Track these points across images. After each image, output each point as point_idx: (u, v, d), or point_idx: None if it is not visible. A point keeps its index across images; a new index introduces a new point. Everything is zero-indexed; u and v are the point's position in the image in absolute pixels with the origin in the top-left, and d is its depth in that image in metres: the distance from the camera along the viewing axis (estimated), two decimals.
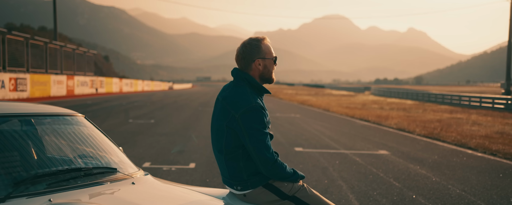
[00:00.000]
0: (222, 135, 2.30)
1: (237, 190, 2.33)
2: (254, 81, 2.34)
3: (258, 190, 2.31)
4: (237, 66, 2.44)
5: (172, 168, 6.47)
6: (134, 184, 2.27)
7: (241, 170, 2.29)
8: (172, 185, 2.50)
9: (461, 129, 13.16)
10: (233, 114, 2.25)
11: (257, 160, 2.24)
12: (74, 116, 2.61)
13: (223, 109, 2.30)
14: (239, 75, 2.37)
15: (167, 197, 2.23)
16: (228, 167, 2.32)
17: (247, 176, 2.29)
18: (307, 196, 2.35)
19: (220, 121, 2.30)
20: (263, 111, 2.28)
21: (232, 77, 2.41)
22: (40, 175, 2.01)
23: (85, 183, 2.11)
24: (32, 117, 2.37)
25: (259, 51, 2.36)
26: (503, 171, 7.11)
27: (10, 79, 21.92)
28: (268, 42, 2.42)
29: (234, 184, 2.32)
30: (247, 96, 2.28)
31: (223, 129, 2.29)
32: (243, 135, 2.23)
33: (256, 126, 2.23)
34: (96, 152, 2.44)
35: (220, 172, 2.41)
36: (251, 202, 2.33)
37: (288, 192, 2.32)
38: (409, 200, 5.10)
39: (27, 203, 1.83)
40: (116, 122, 13.32)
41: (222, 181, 2.43)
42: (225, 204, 2.26)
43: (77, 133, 2.51)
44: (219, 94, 2.40)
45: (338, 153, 8.41)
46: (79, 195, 1.98)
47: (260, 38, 2.40)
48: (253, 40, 2.39)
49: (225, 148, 2.30)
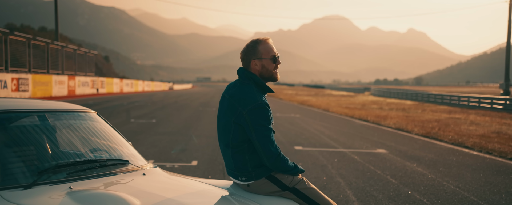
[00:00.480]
0: (229, 130, 2.47)
1: (242, 181, 2.50)
2: (258, 80, 2.52)
3: (261, 181, 2.49)
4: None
5: (175, 165, 6.65)
6: (145, 175, 2.46)
7: (246, 162, 2.47)
8: (180, 176, 2.68)
9: (459, 129, 13.34)
10: (241, 110, 2.42)
11: (262, 153, 2.42)
12: (87, 112, 2.81)
13: (231, 106, 2.47)
14: (245, 74, 2.55)
15: (177, 187, 2.41)
16: (234, 159, 2.49)
17: (252, 168, 2.47)
18: (306, 188, 2.54)
19: (228, 117, 2.48)
20: (268, 108, 2.47)
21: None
22: (61, 165, 2.20)
23: (101, 173, 2.29)
24: (49, 112, 2.56)
25: (254, 52, 2.54)
26: (498, 168, 7.29)
27: (12, 79, 22.10)
28: (269, 42, 2.57)
29: (239, 175, 2.50)
30: (253, 94, 2.46)
31: (231, 125, 2.46)
32: (249, 130, 2.41)
33: (262, 122, 2.41)
34: (109, 145, 2.62)
35: (225, 164, 2.59)
36: (254, 192, 2.51)
37: (288, 184, 2.50)
38: (404, 196, 5.28)
39: (50, 190, 2.02)
40: (118, 121, 13.50)
41: (227, 172, 2.61)
42: (229, 193, 2.44)
43: (91, 128, 2.70)
44: (224, 92, 2.57)
45: (337, 152, 8.59)
46: (96, 184, 2.16)
47: (259, 40, 2.57)
48: (251, 42, 2.58)
49: (232, 142, 2.47)
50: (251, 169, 2.47)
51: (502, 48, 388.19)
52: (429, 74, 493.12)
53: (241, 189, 2.55)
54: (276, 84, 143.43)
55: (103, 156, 2.50)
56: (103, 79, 39.15)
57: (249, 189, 2.52)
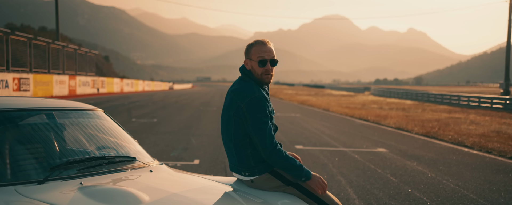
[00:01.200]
0: (231, 125, 2.54)
1: (245, 176, 2.55)
2: (252, 76, 2.60)
3: (264, 176, 2.54)
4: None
5: (177, 164, 6.71)
6: (152, 172, 2.52)
7: (249, 157, 2.52)
8: (185, 173, 2.74)
9: (459, 128, 13.40)
10: (239, 103, 2.49)
11: (258, 145, 2.47)
12: (95, 110, 2.88)
13: (231, 100, 2.55)
14: (243, 72, 2.65)
15: (183, 183, 2.48)
16: (237, 154, 2.54)
17: (255, 163, 2.52)
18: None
19: (229, 112, 2.55)
20: (266, 101, 2.52)
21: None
22: (71, 161, 2.27)
23: (109, 170, 2.36)
24: (58, 111, 2.63)
25: (248, 52, 2.62)
26: (497, 167, 7.36)
27: (14, 79, 22.17)
28: (265, 45, 2.59)
29: (242, 170, 2.55)
30: (252, 88, 2.53)
31: (231, 119, 2.53)
32: (247, 122, 2.48)
33: (258, 115, 2.46)
34: (116, 143, 2.69)
35: (228, 159, 2.64)
36: (258, 187, 2.56)
37: (291, 179, 2.55)
38: (405, 194, 5.35)
39: (62, 185, 2.09)
40: (120, 121, 13.56)
41: (230, 168, 2.67)
42: (233, 189, 2.50)
43: (99, 125, 2.77)
44: (229, 89, 2.65)
45: (337, 151, 8.65)
46: (106, 180, 2.23)
47: (257, 41, 2.63)
48: (250, 43, 2.66)
49: (234, 137, 2.53)
50: (254, 163, 2.52)
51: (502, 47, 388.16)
52: (429, 74, 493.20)
53: (245, 185, 2.60)
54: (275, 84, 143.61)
55: (111, 153, 2.56)
56: (104, 79, 39.22)
57: (253, 185, 2.56)
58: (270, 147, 2.45)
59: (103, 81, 38.62)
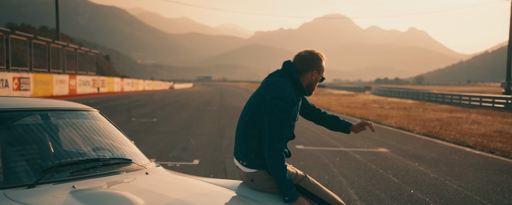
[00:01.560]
0: (249, 111, 2.52)
1: (243, 165, 2.52)
2: (297, 79, 2.57)
3: (265, 176, 2.48)
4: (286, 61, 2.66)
5: (176, 164, 6.64)
6: (148, 174, 2.44)
7: (251, 149, 2.49)
8: (183, 176, 2.66)
9: (460, 128, 13.32)
10: (267, 93, 2.48)
11: (265, 142, 2.42)
12: (90, 111, 2.79)
13: (261, 89, 2.54)
14: (288, 68, 2.59)
15: (180, 186, 2.40)
16: (243, 142, 2.52)
17: (254, 156, 2.49)
18: (310, 185, 2.54)
19: (254, 98, 2.54)
20: (293, 104, 2.48)
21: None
22: (64, 164, 2.19)
23: (104, 173, 2.28)
24: (52, 111, 2.55)
25: (316, 65, 2.61)
26: (500, 167, 7.28)
27: (14, 78, 22.10)
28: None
29: (241, 159, 2.53)
30: (286, 85, 2.51)
31: (252, 106, 2.52)
32: (264, 115, 2.44)
33: (278, 113, 2.42)
34: (111, 144, 2.61)
35: (235, 145, 2.63)
36: (258, 188, 2.51)
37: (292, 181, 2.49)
38: (407, 195, 5.27)
39: (54, 189, 2.01)
40: (119, 120, 13.49)
41: (234, 153, 2.65)
42: (232, 192, 2.42)
43: (94, 126, 2.68)
44: (264, 79, 2.65)
45: (338, 151, 8.58)
46: (99, 183, 2.15)
47: (323, 57, 2.65)
48: (318, 55, 2.63)
49: (246, 124, 2.51)
50: (253, 157, 2.49)
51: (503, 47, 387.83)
52: (430, 73, 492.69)
53: (245, 187, 2.54)
54: None
55: (106, 155, 2.49)
56: (104, 79, 39.15)
57: (253, 185, 2.51)
58: (276, 148, 2.40)
59: (103, 81, 38.55)
